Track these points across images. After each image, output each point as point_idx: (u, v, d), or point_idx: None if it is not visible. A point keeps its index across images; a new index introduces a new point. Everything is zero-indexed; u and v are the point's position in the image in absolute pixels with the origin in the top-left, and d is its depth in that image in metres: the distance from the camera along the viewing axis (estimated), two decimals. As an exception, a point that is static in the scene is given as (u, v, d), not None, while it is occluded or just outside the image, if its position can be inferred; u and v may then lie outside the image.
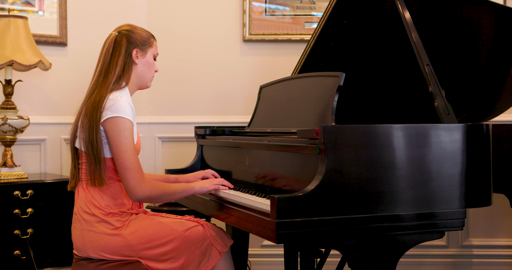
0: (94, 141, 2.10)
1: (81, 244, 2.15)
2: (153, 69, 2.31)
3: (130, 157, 2.07)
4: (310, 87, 2.27)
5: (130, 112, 2.12)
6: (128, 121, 2.10)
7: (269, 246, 3.53)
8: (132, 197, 2.10)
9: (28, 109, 3.27)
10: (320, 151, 1.77)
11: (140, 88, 2.32)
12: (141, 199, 2.11)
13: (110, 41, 2.24)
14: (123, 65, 2.21)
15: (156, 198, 2.13)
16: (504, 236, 3.53)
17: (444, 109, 2.01)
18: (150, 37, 2.30)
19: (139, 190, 2.07)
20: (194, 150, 2.91)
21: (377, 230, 1.80)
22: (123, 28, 2.26)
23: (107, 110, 2.09)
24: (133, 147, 2.10)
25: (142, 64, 2.26)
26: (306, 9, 3.57)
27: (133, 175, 2.07)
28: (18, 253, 2.79)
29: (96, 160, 2.11)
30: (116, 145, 2.08)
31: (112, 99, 2.11)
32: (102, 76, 2.20)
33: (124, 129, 2.09)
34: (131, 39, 2.23)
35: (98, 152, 2.11)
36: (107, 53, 2.22)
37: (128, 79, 2.24)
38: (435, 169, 1.88)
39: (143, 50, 2.26)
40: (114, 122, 2.08)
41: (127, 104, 2.12)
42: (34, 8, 3.33)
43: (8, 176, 2.92)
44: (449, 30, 2.57)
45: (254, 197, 1.97)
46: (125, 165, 2.07)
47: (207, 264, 2.18)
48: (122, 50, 2.21)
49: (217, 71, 3.61)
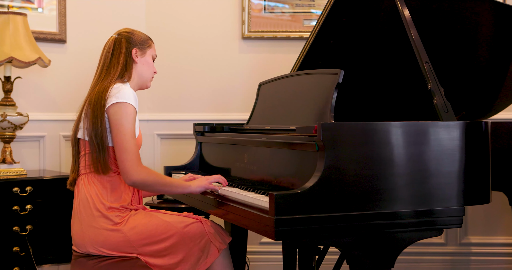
0: (98, 129, 2.13)
1: (81, 240, 2.16)
2: (152, 70, 2.37)
3: (129, 140, 2.10)
4: (309, 84, 2.27)
5: (134, 99, 2.16)
6: (132, 107, 2.13)
7: (268, 243, 3.53)
8: (127, 179, 2.10)
9: (27, 106, 3.27)
10: (318, 148, 1.77)
11: (140, 88, 2.37)
12: (135, 182, 2.10)
13: (110, 42, 2.31)
14: (124, 63, 2.27)
15: (150, 185, 2.13)
16: (503, 234, 3.54)
17: (443, 106, 2.02)
18: (148, 39, 2.37)
19: (134, 172, 2.08)
20: (193, 147, 2.91)
21: (376, 227, 1.81)
22: (122, 31, 2.34)
23: (111, 97, 2.13)
24: (133, 133, 2.12)
25: (142, 63, 2.32)
26: (305, 7, 3.56)
27: (130, 157, 2.08)
28: (17, 250, 2.79)
29: (100, 148, 2.14)
30: (117, 128, 2.10)
31: (116, 87, 2.17)
32: (104, 73, 2.27)
33: (127, 114, 2.12)
34: (131, 39, 2.30)
35: (102, 139, 2.13)
36: (107, 53, 2.29)
37: (129, 77, 2.29)
38: (434, 166, 1.88)
39: (142, 49, 2.32)
40: (118, 106, 2.12)
41: (131, 92, 2.17)
42: (33, 5, 3.33)
43: (7, 173, 2.92)
44: (449, 28, 2.57)
45: (253, 194, 1.98)
46: (123, 147, 2.09)
47: (205, 261, 2.19)
48: (123, 50, 2.28)
49: (216, 69, 3.61)
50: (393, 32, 2.46)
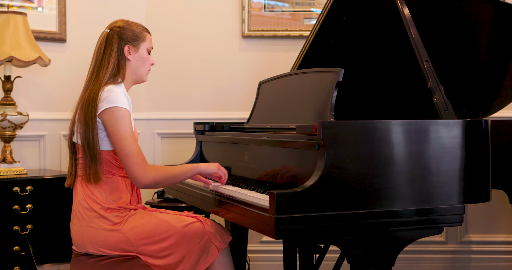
0: (90, 137, 2.11)
1: (80, 240, 2.16)
2: (148, 63, 2.31)
3: (130, 144, 2.08)
4: (309, 83, 2.27)
5: (126, 101, 2.13)
6: (125, 109, 2.11)
7: (268, 242, 3.54)
8: (137, 183, 2.09)
9: (27, 105, 3.27)
10: (319, 147, 1.77)
11: (136, 83, 2.34)
12: (147, 185, 2.10)
13: (102, 38, 2.26)
14: (116, 62, 2.23)
15: (161, 181, 2.12)
16: (503, 232, 3.54)
17: (443, 105, 2.01)
18: (142, 31, 2.30)
19: (143, 176, 2.07)
20: (193, 146, 2.91)
21: (376, 226, 1.81)
22: (115, 25, 2.27)
23: (102, 102, 2.10)
24: (132, 135, 2.11)
25: (136, 59, 2.27)
26: (305, 5, 3.56)
27: (135, 161, 2.07)
28: (17, 249, 2.79)
29: (92, 156, 2.12)
30: (115, 134, 2.09)
31: (107, 90, 2.13)
32: (95, 74, 2.22)
33: (121, 118, 2.09)
34: (122, 36, 2.24)
35: (94, 148, 2.11)
36: (99, 50, 2.25)
37: (123, 75, 2.26)
38: (434, 165, 1.88)
39: (135, 45, 2.26)
40: (111, 112, 2.09)
41: (122, 94, 2.13)
42: (33, 4, 3.33)
43: (7, 172, 2.93)
44: (449, 26, 2.57)
45: (253, 193, 1.98)
46: (126, 152, 2.07)
47: (205, 260, 2.18)
48: (114, 47, 2.23)
49: (216, 67, 3.61)
50: (393, 31, 2.46)
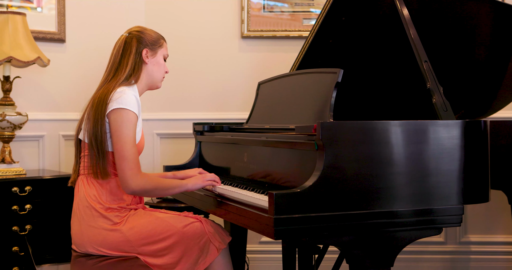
0: (98, 133, 2.11)
1: (80, 239, 2.16)
2: (163, 69, 2.34)
3: (129, 148, 2.08)
4: (308, 83, 2.27)
5: (136, 105, 2.14)
6: (133, 113, 2.11)
7: (267, 243, 3.54)
8: (126, 188, 2.09)
9: (26, 106, 3.27)
10: (318, 148, 1.77)
11: (150, 88, 2.35)
12: (135, 191, 2.10)
13: (120, 41, 2.28)
14: (134, 64, 2.24)
15: (150, 191, 2.13)
16: (502, 232, 3.54)
17: (442, 105, 2.02)
18: (160, 38, 2.33)
19: (133, 182, 2.07)
20: (192, 146, 2.91)
21: (375, 226, 1.81)
22: (133, 30, 2.30)
23: (113, 102, 2.11)
24: (133, 140, 2.10)
25: (152, 64, 2.29)
26: (304, 6, 3.56)
27: (130, 166, 2.07)
28: (16, 249, 2.79)
29: (100, 153, 2.12)
30: (117, 135, 2.09)
31: (119, 91, 2.14)
32: (112, 74, 2.24)
33: (127, 121, 2.10)
34: (141, 39, 2.26)
35: (102, 144, 2.12)
36: (117, 53, 2.26)
37: (138, 78, 2.26)
38: (433, 165, 1.88)
39: (153, 50, 2.28)
40: (119, 113, 2.10)
41: (133, 97, 2.14)
42: (33, 4, 3.32)
43: (6, 173, 2.92)
44: (448, 27, 2.57)
45: (252, 193, 1.98)
46: (123, 155, 2.07)
47: (204, 260, 2.18)
48: (133, 50, 2.24)
49: (215, 68, 3.61)
50: (392, 31, 2.46)
